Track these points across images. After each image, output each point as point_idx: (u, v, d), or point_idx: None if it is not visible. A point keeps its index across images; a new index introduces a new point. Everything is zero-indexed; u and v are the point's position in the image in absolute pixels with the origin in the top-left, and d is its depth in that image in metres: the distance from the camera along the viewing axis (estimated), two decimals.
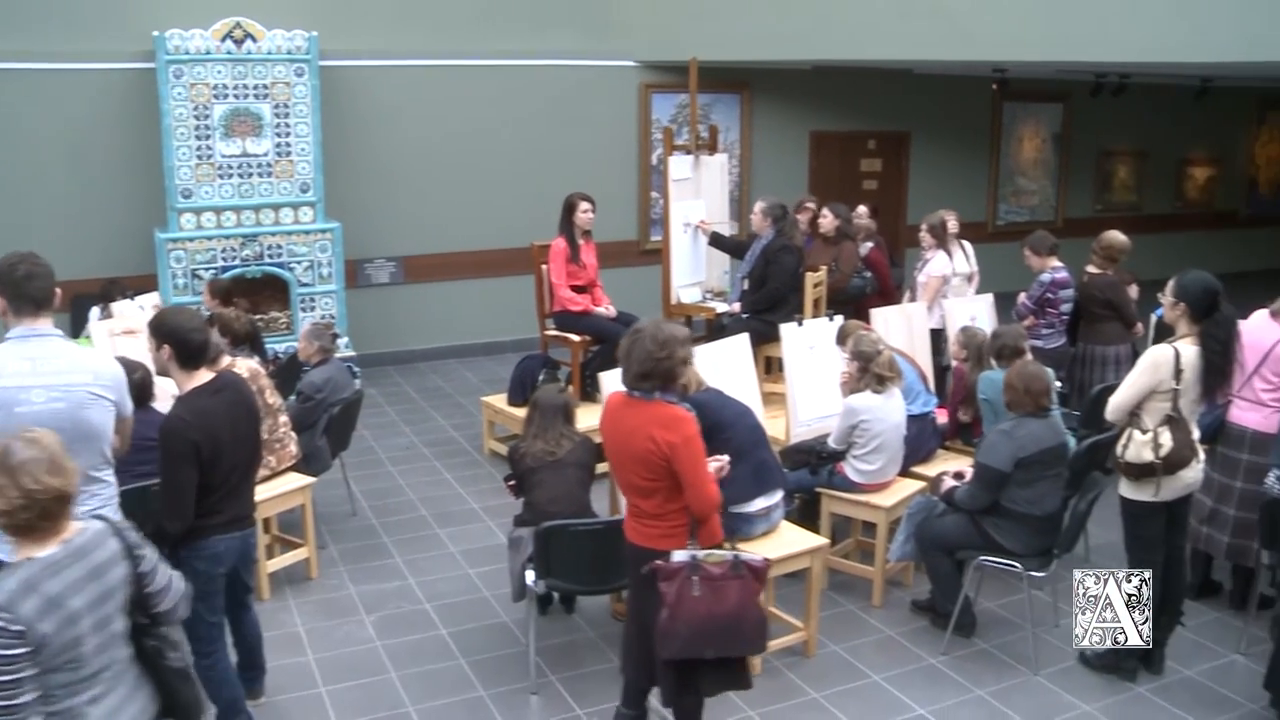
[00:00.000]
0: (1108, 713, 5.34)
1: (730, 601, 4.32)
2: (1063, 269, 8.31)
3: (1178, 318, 5.27)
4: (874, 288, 9.07)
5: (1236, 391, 5.91)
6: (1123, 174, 16.86)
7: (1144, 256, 11.56)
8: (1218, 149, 17.88)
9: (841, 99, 13.86)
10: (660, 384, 4.37)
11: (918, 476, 6.59)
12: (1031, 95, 15.47)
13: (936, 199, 13.09)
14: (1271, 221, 18.27)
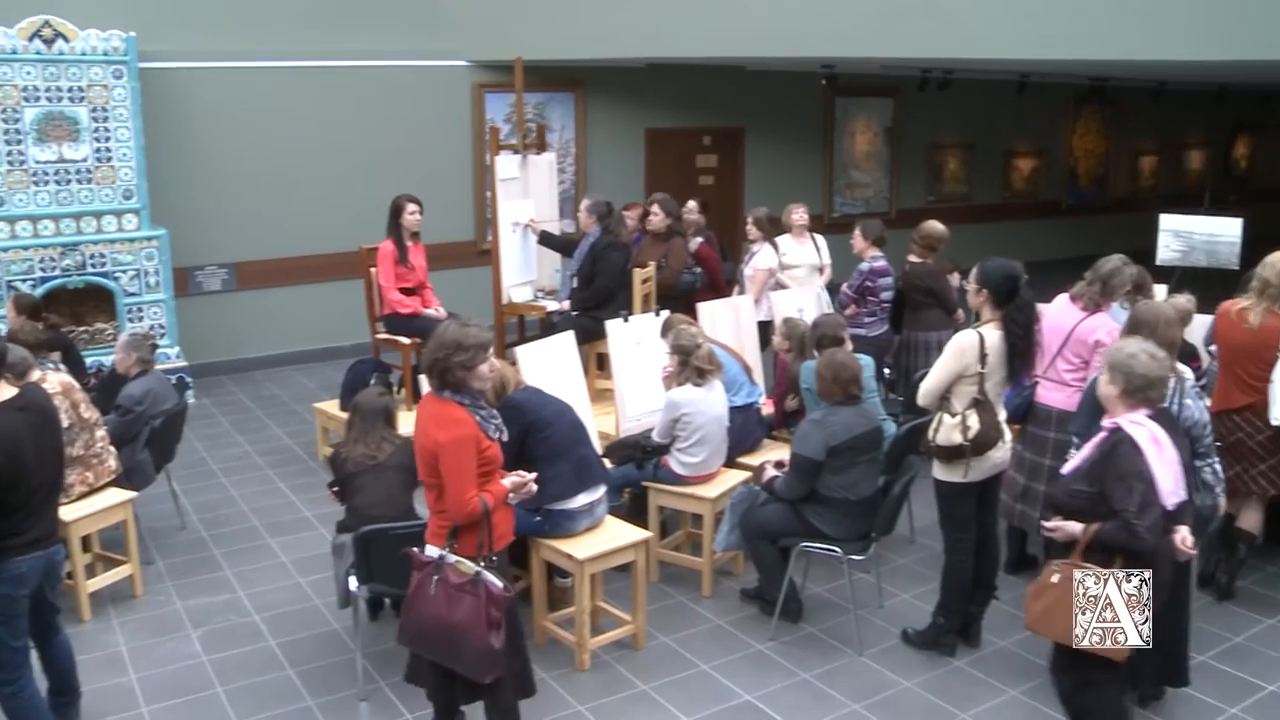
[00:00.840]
0: (927, 687, 5.52)
1: (458, 615, 4.25)
2: (881, 258, 8.53)
3: (981, 304, 5.46)
4: (704, 282, 9.18)
5: (1042, 373, 6.15)
6: (953, 166, 17.39)
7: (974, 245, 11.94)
8: (1040, 141, 18.58)
9: (676, 96, 14.00)
10: (440, 384, 4.36)
11: (743, 467, 6.70)
12: (862, 90, 15.85)
13: (772, 194, 13.36)
14: (1090, 211, 19.05)
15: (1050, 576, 4.38)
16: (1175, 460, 4.28)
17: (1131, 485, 4.18)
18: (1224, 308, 6.23)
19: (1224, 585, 6.47)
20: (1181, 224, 11.00)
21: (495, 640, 4.26)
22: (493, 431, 4.46)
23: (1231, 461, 6.20)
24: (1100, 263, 6.11)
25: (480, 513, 4.32)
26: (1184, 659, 5.30)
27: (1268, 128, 22.19)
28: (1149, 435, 4.25)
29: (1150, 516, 4.17)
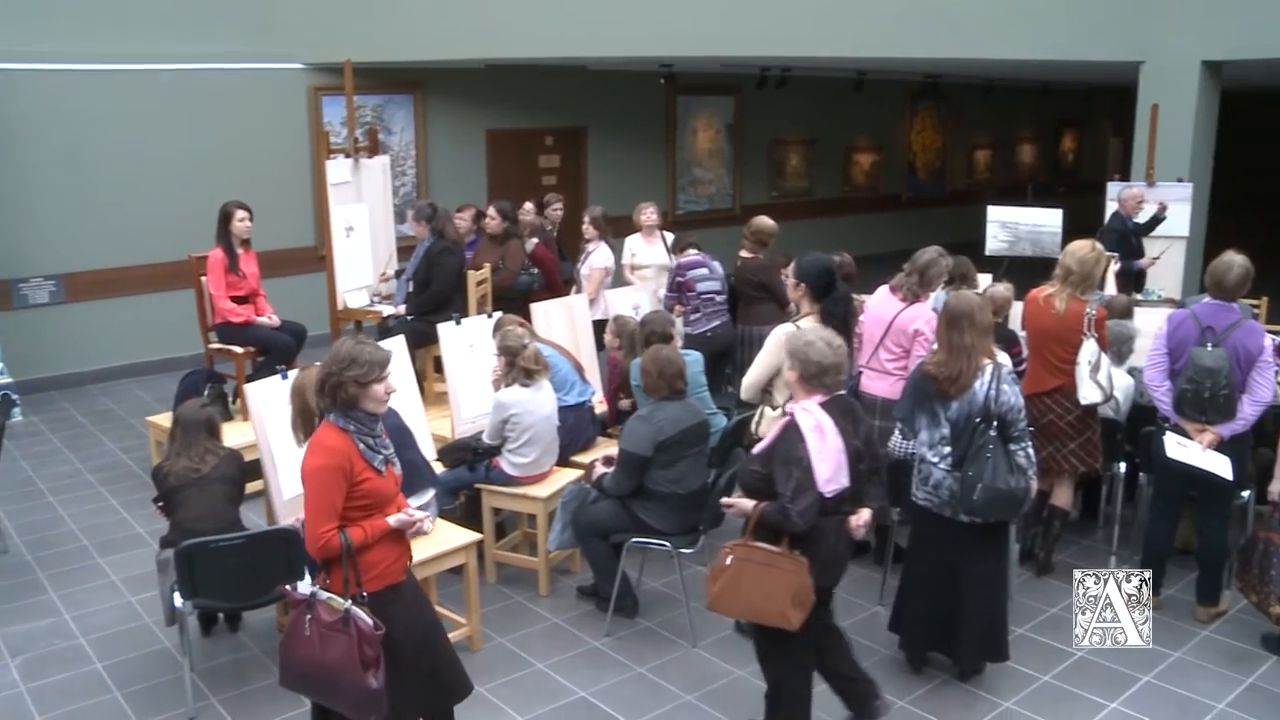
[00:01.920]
0: (759, 675, 5.59)
1: (331, 655, 4.06)
2: (695, 253, 8.57)
3: (800, 297, 5.59)
4: (541, 283, 9.20)
5: (865, 363, 6.33)
6: (794, 161, 17.72)
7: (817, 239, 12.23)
8: (879, 137, 19.07)
9: (517, 97, 14.00)
10: (330, 403, 4.13)
11: (577, 465, 6.75)
12: (703, 89, 16.06)
13: (616, 193, 13.46)
14: (929, 203, 19.61)
15: (724, 559, 4.61)
16: (838, 449, 4.46)
17: (790, 470, 4.40)
18: (1032, 295, 6.49)
19: (1042, 560, 6.74)
20: (1007, 215, 11.40)
21: (373, 680, 4.05)
22: (379, 463, 4.20)
23: (1044, 442, 6.46)
24: (918, 254, 6.31)
25: (337, 549, 4.07)
26: (1003, 634, 5.51)
27: (1090, 122, 23.12)
28: (814, 423, 4.44)
29: (803, 501, 4.39)
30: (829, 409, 4.52)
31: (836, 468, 4.46)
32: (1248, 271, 5.97)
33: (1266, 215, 22.58)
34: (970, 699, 5.46)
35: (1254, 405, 5.88)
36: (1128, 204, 10.43)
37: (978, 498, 5.02)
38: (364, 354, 4.11)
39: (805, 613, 4.49)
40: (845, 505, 4.63)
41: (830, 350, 4.52)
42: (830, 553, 4.62)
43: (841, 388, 4.65)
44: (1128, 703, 5.42)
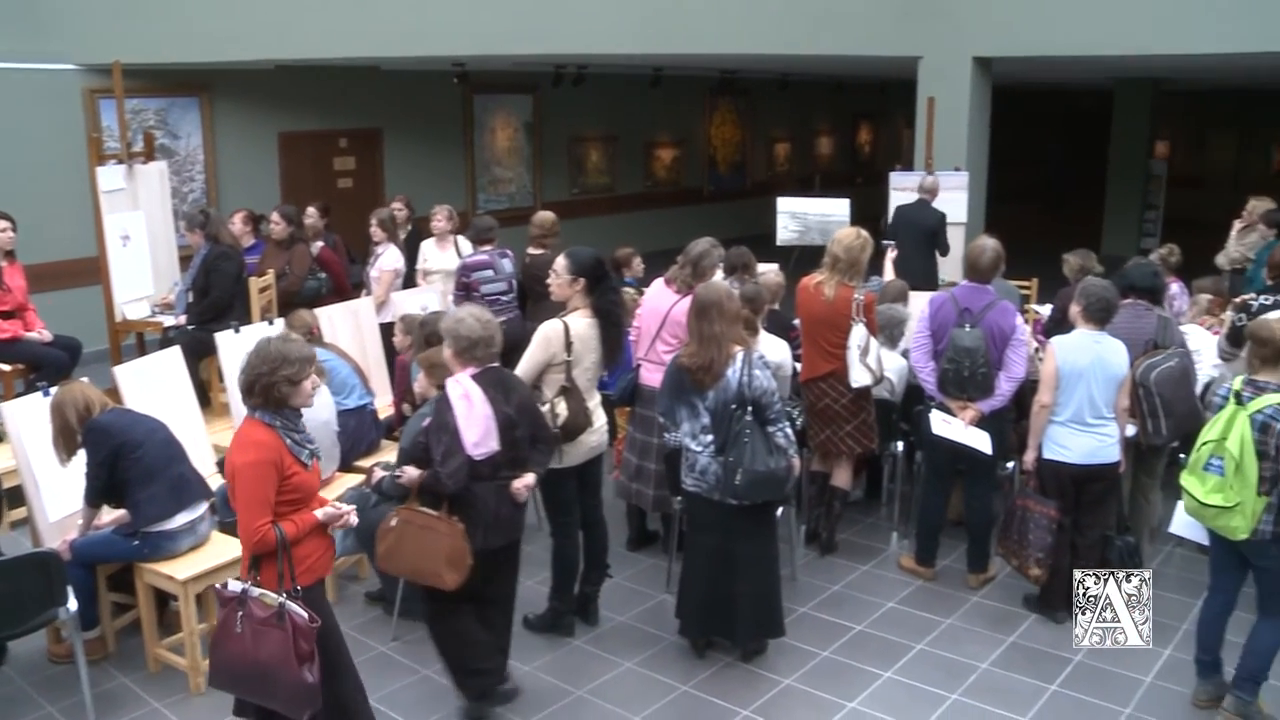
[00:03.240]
0: (546, 669, 5.66)
1: (266, 651, 4.09)
2: (480, 253, 8.53)
3: (576, 292, 5.62)
4: (329, 288, 9.04)
5: (643, 355, 6.41)
6: (595, 158, 17.82)
7: (620, 234, 12.32)
8: (680, 132, 19.32)
9: (309, 98, 13.72)
10: (261, 402, 4.18)
11: (358, 470, 6.65)
12: (499, 87, 16.01)
13: (414, 194, 13.25)
14: (731, 196, 19.96)
15: (390, 521, 4.86)
16: (486, 415, 4.71)
17: (441, 437, 4.67)
18: (803, 282, 6.68)
19: (825, 540, 6.94)
20: (797, 206, 11.71)
21: (309, 674, 4.11)
22: (305, 457, 4.29)
23: (822, 425, 6.68)
24: (690, 246, 6.42)
25: (273, 543, 4.13)
26: (778, 611, 5.67)
27: (884, 115, 23.89)
28: (462, 392, 4.71)
29: (452, 464, 4.66)
30: (480, 379, 4.76)
31: (484, 433, 4.69)
32: (999, 254, 6.28)
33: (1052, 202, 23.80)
34: (752, 678, 5.59)
35: (1010, 381, 6.19)
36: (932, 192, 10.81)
37: (739, 481, 5.16)
38: (293, 352, 4.22)
39: (461, 574, 4.71)
40: (504, 471, 4.84)
41: (480, 325, 4.79)
42: (491, 516, 4.82)
43: (493, 360, 4.87)
44: (901, 671, 5.65)
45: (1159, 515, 7.26)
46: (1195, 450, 4.95)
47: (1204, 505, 4.87)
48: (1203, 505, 4.88)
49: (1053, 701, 5.40)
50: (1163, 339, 6.28)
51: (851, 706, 5.34)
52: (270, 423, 4.19)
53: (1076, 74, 17.10)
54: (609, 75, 16.62)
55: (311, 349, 4.39)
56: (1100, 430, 5.79)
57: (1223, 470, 4.79)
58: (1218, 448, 4.83)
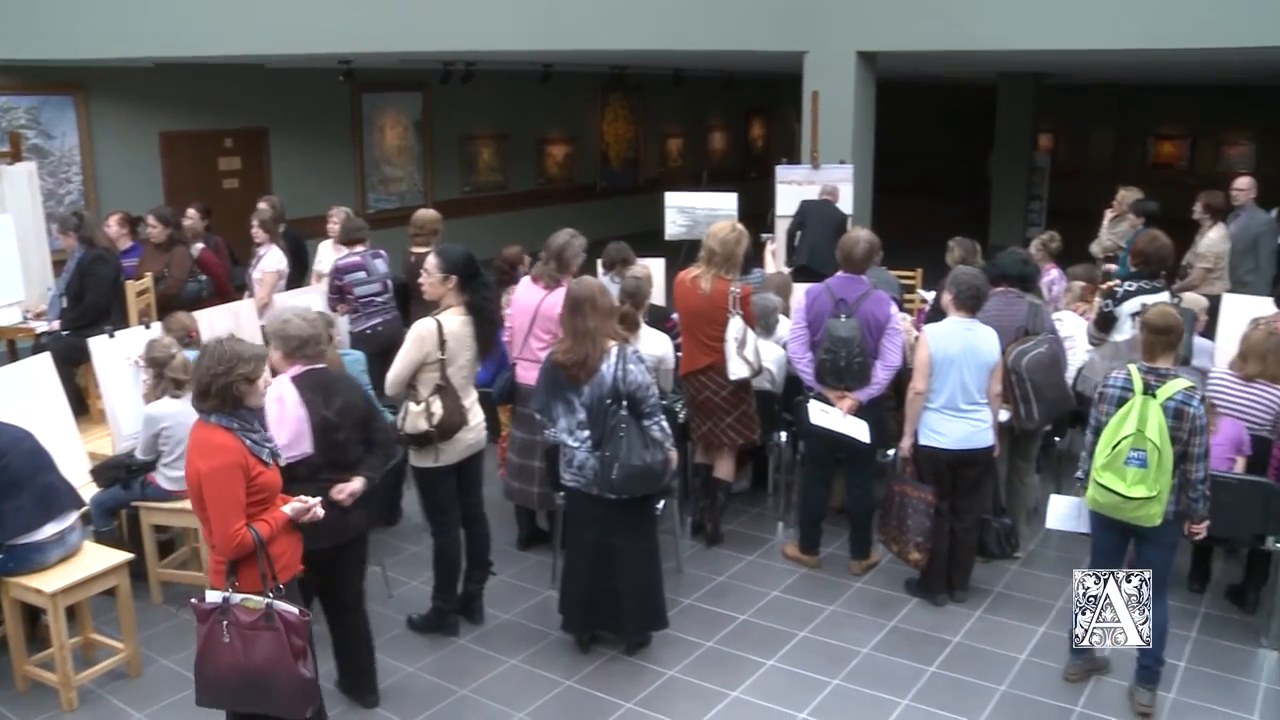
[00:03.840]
0: (430, 669, 5.63)
1: (259, 656, 4.08)
2: (353, 255, 8.43)
3: (448, 290, 5.59)
4: (211, 290, 8.86)
5: (519, 354, 6.41)
6: (486, 156, 17.73)
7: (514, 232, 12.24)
8: (572, 129, 19.30)
9: (191, 97, 13.47)
10: (218, 404, 4.15)
11: None
12: (387, 85, 15.85)
13: (303, 195, 13.14)
14: (624, 192, 19.98)
15: None
16: (298, 418, 4.66)
17: None
18: (680, 276, 6.72)
19: (711, 531, 7.00)
20: (684, 200, 11.77)
21: (305, 669, 4.17)
22: (266, 456, 4.26)
23: (703, 418, 6.72)
24: (551, 240, 6.42)
25: (252, 544, 4.11)
26: (660, 603, 5.71)
27: (777, 110, 24.11)
28: (276, 394, 4.66)
29: None
30: (301, 381, 4.70)
31: (295, 436, 4.63)
32: (872, 245, 6.39)
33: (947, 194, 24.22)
34: (637, 671, 5.62)
35: (886, 370, 6.29)
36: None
37: (616, 476, 5.18)
38: (246, 350, 4.21)
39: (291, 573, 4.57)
40: (324, 474, 4.76)
41: (306, 324, 4.78)
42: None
43: (320, 358, 4.83)
44: (783, 658, 5.72)
45: (1036, 497, 7.46)
46: (1110, 447, 4.90)
47: (1127, 499, 4.87)
48: (1126, 499, 4.87)
49: (931, 682, 5.51)
50: (1033, 326, 6.43)
51: (734, 695, 5.40)
52: (228, 425, 4.16)
53: (960, 69, 17.42)
54: (499, 72, 16.56)
55: (263, 347, 4.43)
56: (973, 416, 5.92)
57: (1145, 462, 4.83)
58: (1138, 440, 4.84)
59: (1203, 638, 6.01)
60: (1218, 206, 9.75)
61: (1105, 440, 4.95)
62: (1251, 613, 6.21)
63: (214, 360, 4.15)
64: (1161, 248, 6.97)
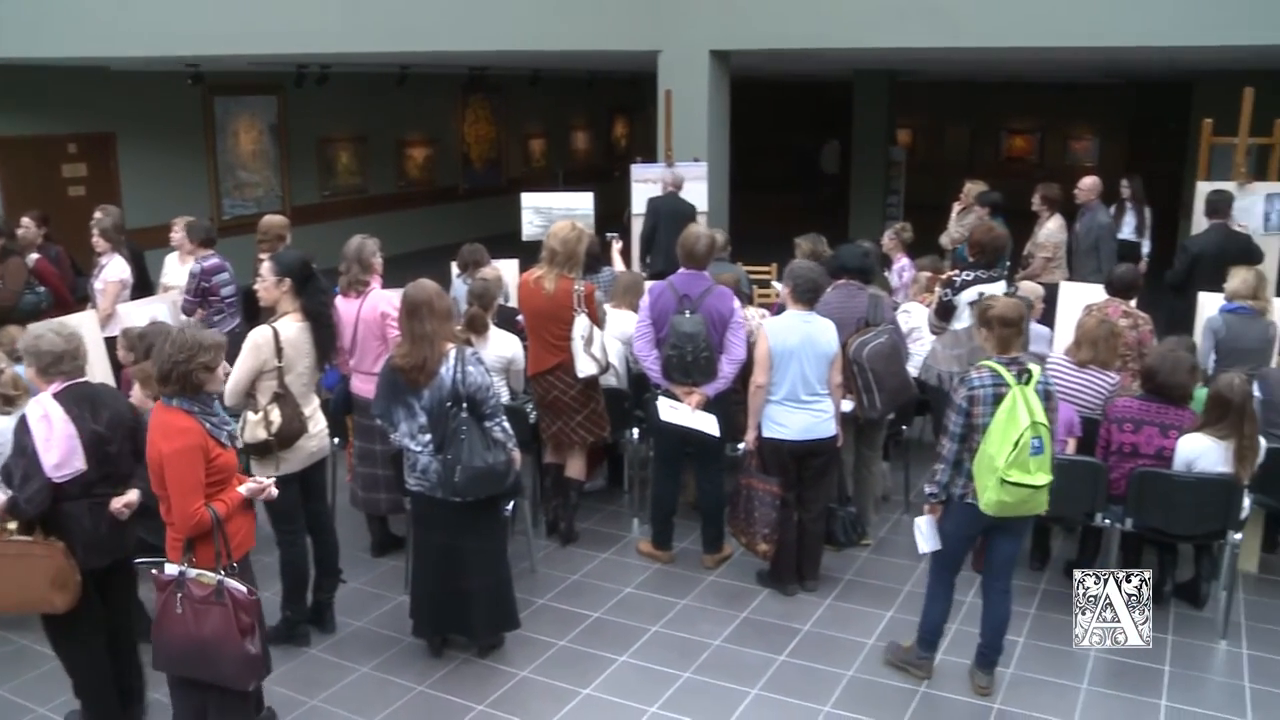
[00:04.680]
0: (281, 680, 5.48)
1: (208, 629, 4.25)
2: (214, 256, 8.34)
3: (283, 294, 5.50)
4: (50, 301, 8.58)
5: (355, 366, 6.35)
6: (345, 159, 17.47)
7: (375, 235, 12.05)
8: (432, 130, 19.11)
9: (31, 100, 13.02)
10: (178, 389, 4.27)
11: None
12: (240, 88, 15.53)
13: (154, 203, 12.82)
14: (486, 194, 19.84)
15: None
16: (68, 435, 4.55)
17: (19, 461, 4.55)
18: (524, 277, 6.72)
19: (564, 530, 7.01)
20: (540, 201, 11.74)
21: (251, 645, 4.34)
22: (224, 438, 4.43)
23: (553, 417, 6.73)
24: (345, 249, 6.44)
25: (209, 523, 4.29)
26: (511, 604, 5.70)
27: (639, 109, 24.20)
28: (41, 414, 4.57)
29: (30, 488, 4.54)
30: (64, 396, 4.61)
31: (67, 453, 4.55)
32: (713, 241, 6.48)
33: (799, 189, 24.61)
34: (489, 673, 5.60)
35: (731, 364, 6.37)
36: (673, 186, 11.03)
37: (459, 478, 5.16)
38: (207, 339, 4.37)
39: (70, 594, 4.60)
40: (98, 489, 4.69)
41: (60, 339, 4.66)
42: (90, 535, 4.68)
43: (80, 373, 4.72)
44: (636, 654, 5.77)
45: (885, 485, 7.64)
46: (1013, 445, 4.85)
47: (1036, 489, 4.90)
48: (1035, 489, 4.90)
49: (781, 671, 5.60)
50: (874, 317, 6.57)
51: (586, 693, 5.42)
52: (189, 409, 4.31)
53: (816, 66, 17.70)
54: (355, 74, 16.33)
55: (221, 335, 4.52)
56: (815, 407, 6.02)
57: (1042, 448, 4.89)
58: (1035, 429, 4.87)
59: (1041, 613, 6.23)
60: (1054, 198, 10.10)
61: (1002, 439, 4.87)
62: None
63: (176, 348, 4.29)
64: (997, 238, 7.16)
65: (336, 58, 13.72)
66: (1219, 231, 8.88)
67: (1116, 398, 6.31)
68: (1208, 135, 9.91)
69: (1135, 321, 7.46)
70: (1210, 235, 8.90)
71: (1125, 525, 6.00)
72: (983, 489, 4.95)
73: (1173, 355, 6.09)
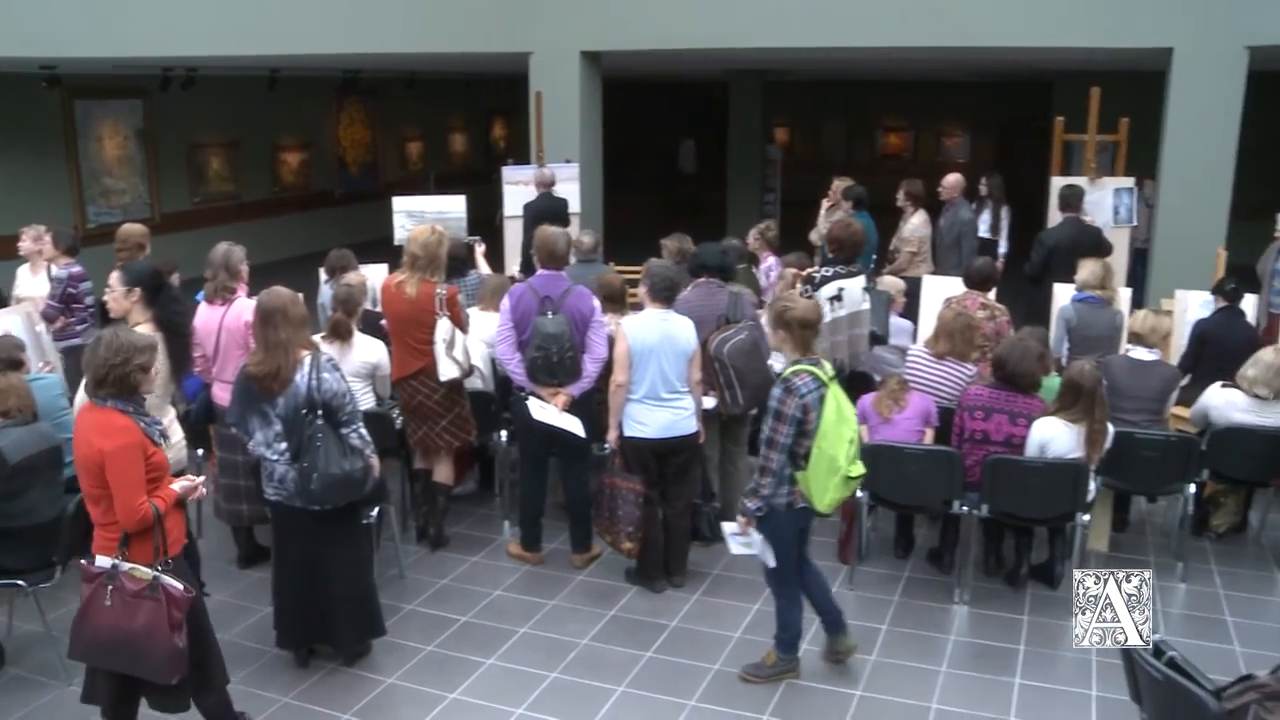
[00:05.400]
0: None
1: (138, 622, 4.30)
2: (76, 264, 8.20)
3: (133, 304, 5.40)
4: None
5: (217, 375, 6.25)
6: (216, 164, 17.13)
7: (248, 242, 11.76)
8: (306, 134, 18.83)
9: None
10: (115, 391, 4.34)
11: None
12: (103, 92, 15.13)
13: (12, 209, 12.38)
14: (363, 198, 19.57)
15: None
16: None
17: None
18: (385, 282, 6.69)
19: (434, 536, 6.97)
20: (413, 205, 11.66)
21: (179, 640, 4.37)
22: (156, 437, 4.49)
23: (419, 423, 6.70)
24: (211, 257, 6.40)
25: (152, 518, 4.37)
26: (376, 611, 5.66)
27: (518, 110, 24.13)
28: None
29: None
30: None
31: None
32: (569, 240, 6.50)
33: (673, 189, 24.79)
34: (355, 681, 5.55)
35: (594, 363, 6.41)
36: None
37: (315, 486, 5.10)
38: (140, 341, 4.47)
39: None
40: None
41: None
42: None
43: None
44: (504, 656, 5.77)
45: None
46: (849, 442, 5.02)
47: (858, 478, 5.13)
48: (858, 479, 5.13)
49: (648, 667, 5.65)
50: (734, 314, 6.64)
51: (452, 698, 5.40)
52: (124, 409, 4.39)
53: (689, 67, 17.83)
54: (224, 78, 16.00)
55: (154, 336, 4.68)
56: (675, 404, 6.09)
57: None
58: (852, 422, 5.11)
59: (904, 600, 6.39)
60: (917, 194, 10.33)
61: (838, 438, 4.98)
62: (948, 572, 6.62)
63: (110, 351, 4.35)
64: (854, 234, 7.30)
65: (202, 61, 13.44)
66: (1071, 225, 9.17)
67: (970, 386, 6.48)
68: (1060, 133, 10.23)
69: (993, 313, 7.68)
70: (1063, 228, 9.19)
71: (982, 511, 6.19)
72: (823, 491, 5.05)
73: (1021, 345, 6.27)
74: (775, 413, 5.03)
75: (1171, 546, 7.02)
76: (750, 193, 19.54)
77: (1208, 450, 6.64)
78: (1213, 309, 7.68)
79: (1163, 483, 6.73)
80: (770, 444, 5.05)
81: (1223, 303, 7.54)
